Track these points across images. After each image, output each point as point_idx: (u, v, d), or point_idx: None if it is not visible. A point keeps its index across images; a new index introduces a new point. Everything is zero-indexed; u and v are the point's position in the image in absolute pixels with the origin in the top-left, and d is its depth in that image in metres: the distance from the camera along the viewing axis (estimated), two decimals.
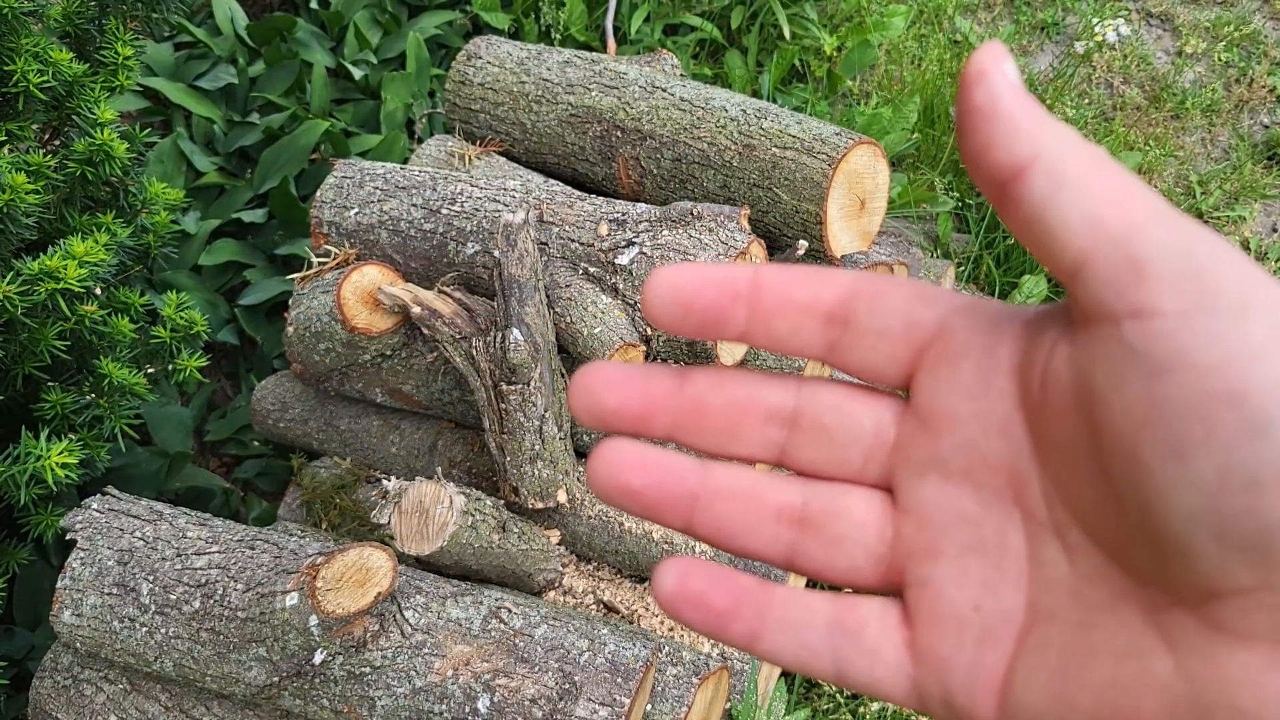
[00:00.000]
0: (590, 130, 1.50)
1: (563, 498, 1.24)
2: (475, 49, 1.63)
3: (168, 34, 2.06)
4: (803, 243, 1.32)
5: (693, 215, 1.24)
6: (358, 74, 2.07)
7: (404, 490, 1.12)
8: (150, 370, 1.29)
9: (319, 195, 1.40)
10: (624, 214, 1.28)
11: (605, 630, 1.07)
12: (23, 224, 1.08)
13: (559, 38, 2.18)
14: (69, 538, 1.10)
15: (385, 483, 1.13)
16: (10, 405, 1.19)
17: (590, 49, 2.18)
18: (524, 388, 1.16)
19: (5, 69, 1.14)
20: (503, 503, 1.20)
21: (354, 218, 1.38)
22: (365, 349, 1.27)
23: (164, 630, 1.03)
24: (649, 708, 1.09)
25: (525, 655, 1.03)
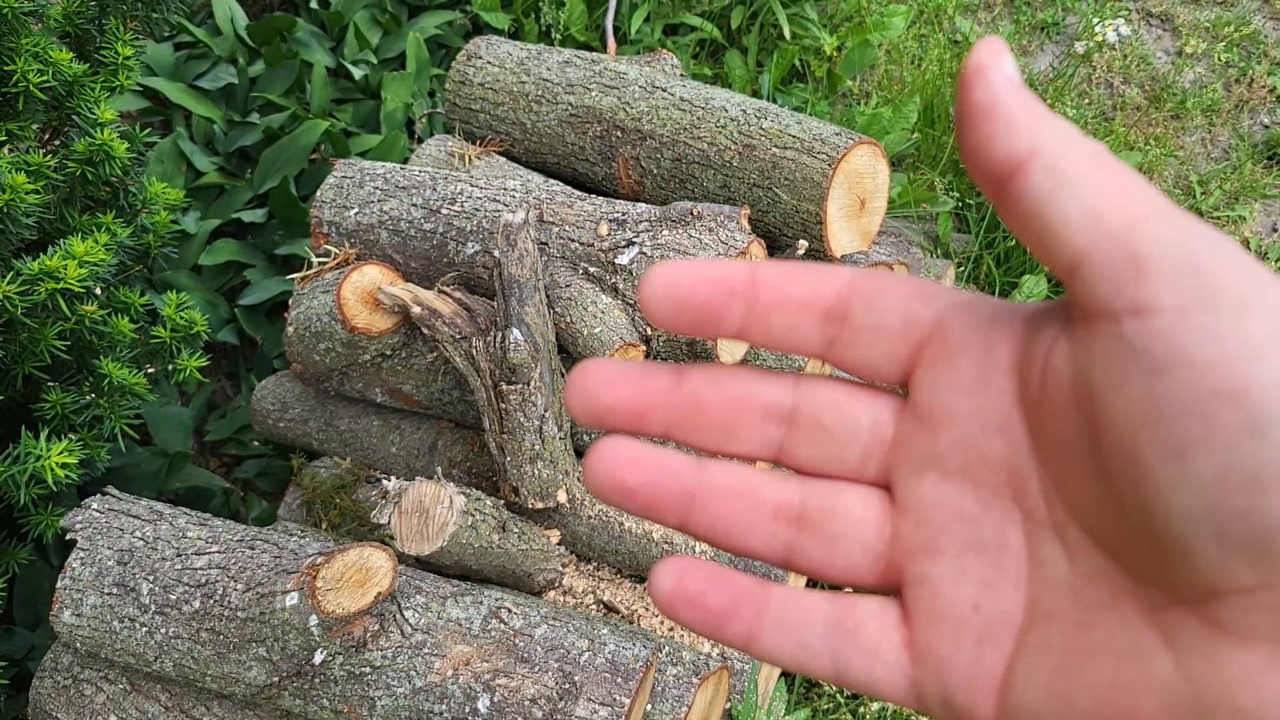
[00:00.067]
0: (590, 130, 1.50)
1: (563, 498, 1.24)
2: (475, 49, 1.63)
3: (168, 34, 2.06)
4: (803, 242, 1.32)
5: (693, 215, 1.24)
6: (358, 74, 2.07)
7: (404, 490, 1.12)
8: (150, 370, 1.29)
9: (319, 195, 1.40)
10: (624, 214, 1.28)
11: (605, 630, 1.07)
12: (23, 224, 1.08)
13: (559, 38, 2.18)
14: (69, 538, 1.10)
15: (385, 483, 1.13)
16: (10, 405, 1.19)
17: (590, 49, 2.18)
18: (524, 388, 1.16)
19: (5, 69, 1.14)
20: (503, 503, 1.20)
21: (354, 218, 1.38)
22: (365, 349, 1.27)
23: (164, 630, 1.03)
24: (649, 708, 1.09)
25: (525, 655, 1.03)
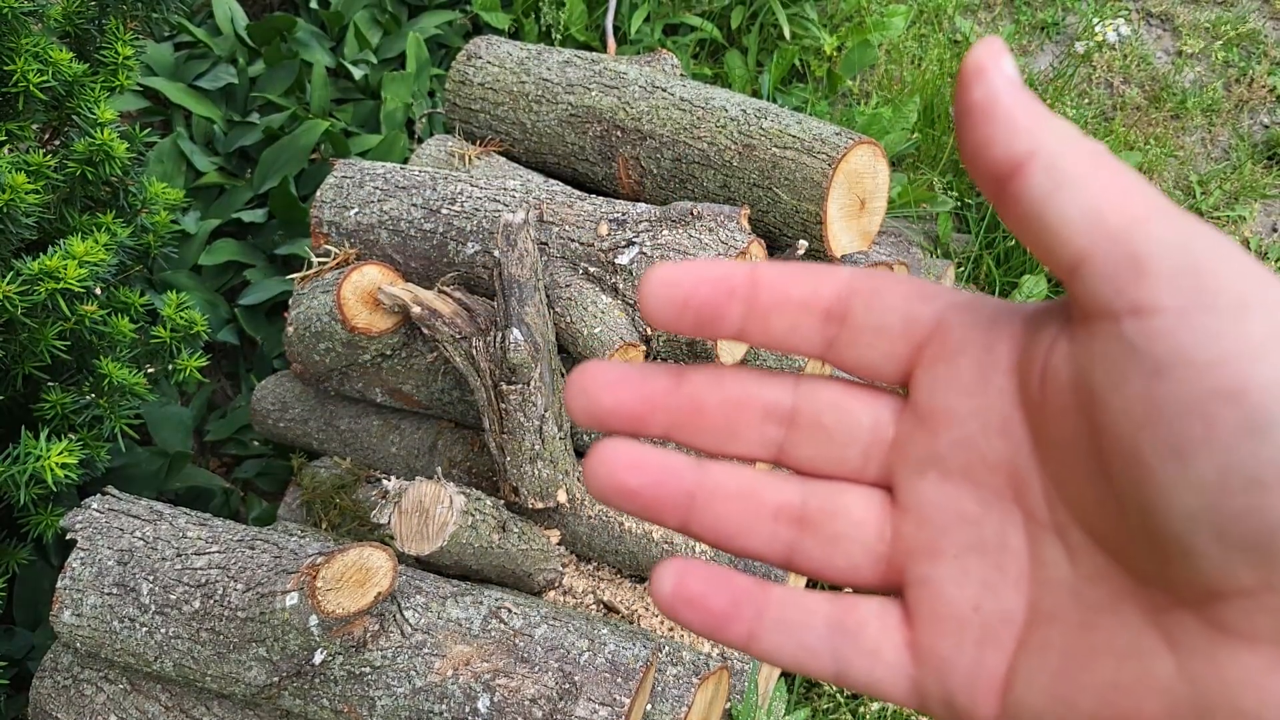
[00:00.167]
0: (590, 130, 1.50)
1: (563, 498, 1.24)
2: (475, 49, 1.63)
3: (168, 34, 2.06)
4: (803, 242, 1.32)
5: (693, 215, 1.24)
6: (358, 74, 2.07)
7: (404, 490, 1.12)
8: (150, 370, 1.29)
9: (319, 195, 1.40)
10: (624, 214, 1.28)
11: (605, 630, 1.07)
12: (23, 224, 1.08)
13: (559, 38, 2.18)
14: (69, 538, 1.10)
15: (385, 483, 1.13)
16: (10, 405, 1.19)
17: (590, 49, 2.18)
18: (524, 388, 1.16)
19: (5, 69, 1.14)
20: (503, 503, 1.20)
21: (354, 217, 1.38)
22: (365, 349, 1.27)
23: (164, 630, 1.03)
24: (649, 708, 1.09)
25: (525, 655, 1.03)
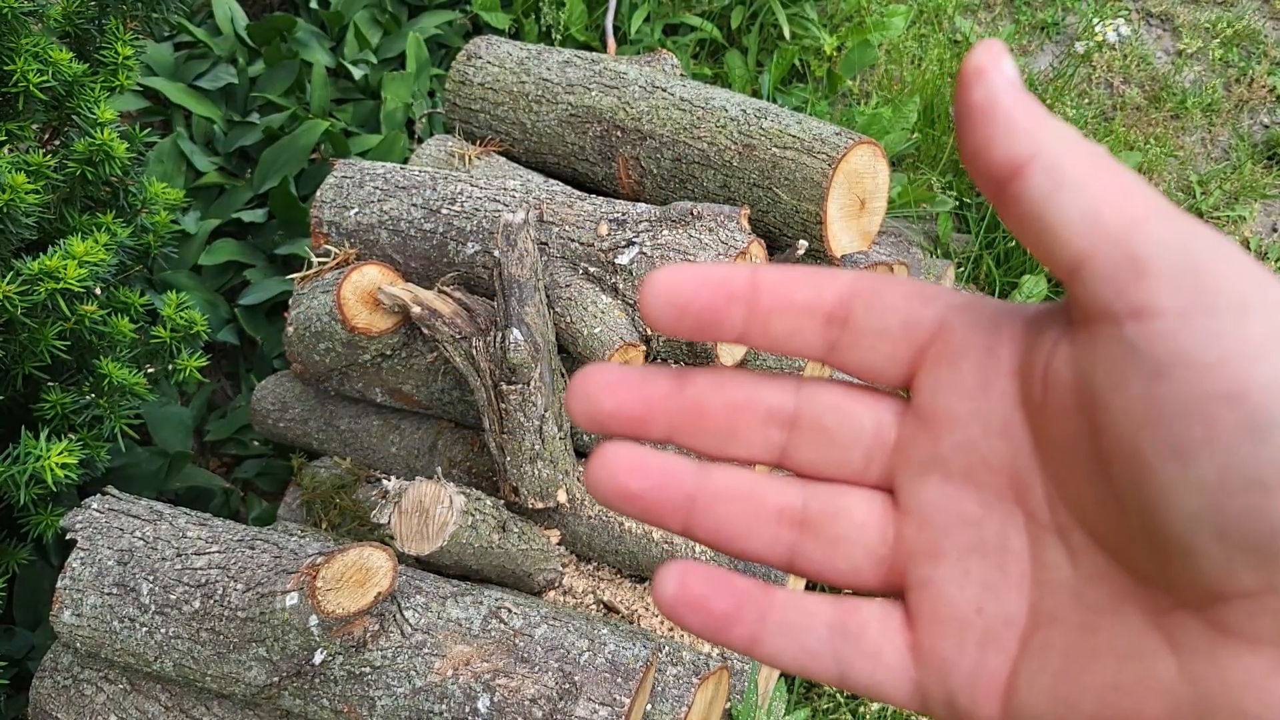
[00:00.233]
0: (590, 130, 1.50)
1: (563, 498, 1.24)
2: (475, 49, 1.63)
3: (168, 34, 2.06)
4: (803, 243, 1.32)
5: (693, 215, 1.24)
6: (358, 74, 2.07)
7: (404, 490, 1.12)
8: (150, 370, 1.29)
9: (319, 195, 1.40)
10: (624, 214, 1.28)
11: (605, 630, 1.07)
12: (23, 224, 1.08)
13: (559, 38, 2.18)
14: (69, 538, 1.10)
15: (385, 482, 1.13)
16: (10, 405, 1.19)
17: (590, 49, 2.17)
18: (524, 388, 1.16)
19: (5, 69, 1.14)
20: (503, 503, 1.20)
21: (354, 217, 1.38)
22: (365, 349, 1.27)
23: (164, 630, 1.03)
24: (649, 707, 1.09)
25: (525, 655, 1.03)
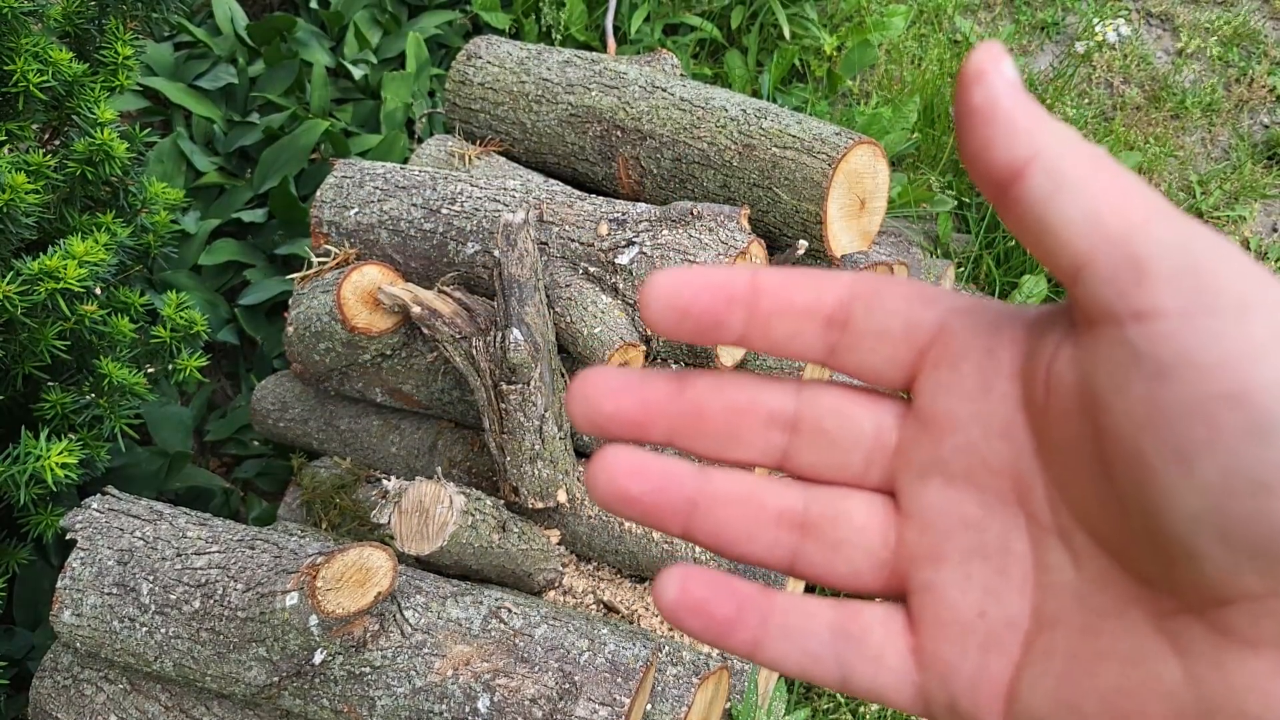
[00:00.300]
0: (590, 130, 1.50)
1: (563, 497, 1.24)
2: (475, 49, 1.63)
3: (167, 34, 2.06)
4: (803, 242, 1.32)
5: (693, 215, 1.24)
6: (357, 74, 2.07)
7: (404, 490, 1.12)
8: (150, 370, 1.29)
9: (319, 195, 1.40)
10: (624, 214, 1.28)
11: (605, 630, 1.07)
12: (23, 224, 1.08)
13: (559, 37, 2.18)
14: (69, 537, 1.10)
15: (385, 482, 1.13)
16: (10, 405, 1.19)
17: (590, 49, 2.17)
18: (524, 387, 1.16)
19: (5, 69, 1.14)
20: (503, 502, 1.20)
21: (354, 217, 1.38)
22: (365, 349, 1.27)
23: (164, 630, 1.03)
24: (649, 707, 1.09)
25: (525, 655, 1.03)
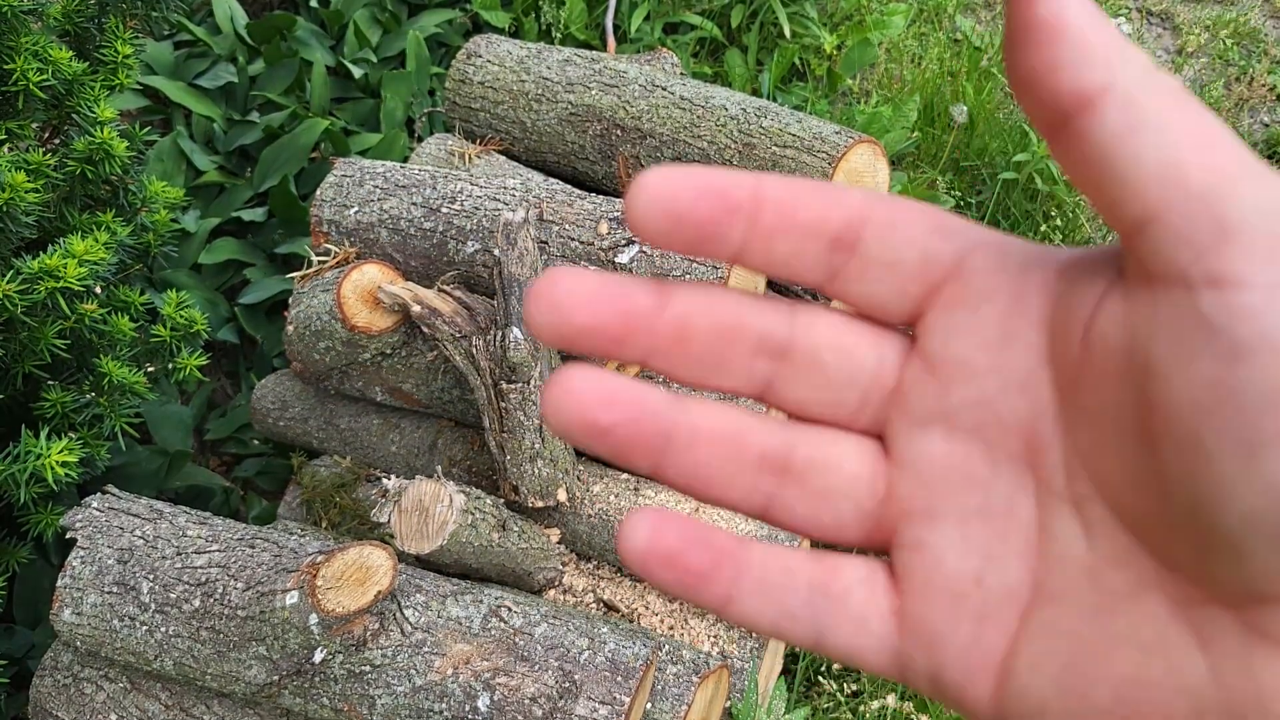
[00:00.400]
0: (590, 129, 1.50)
1: (563, 496, 1.24)
2: (475, 47, 1.63)
3: (167, 32, 2.06)
4: None
5: None
6: (358, 73, 2.07)
7: (404, 489, 1.12)
8: (150, 369, 1.29)
9: (319, 194, 1.40)
10: (624, 212, 1.28)
11: (605, 629, 1.07)
12: (22, 223, 1.08)
13: (559, 36, 2.18)
14: (69, 536, 1.10)
15: (385, 481, 1.13)
16: (10, 404, 1.19)
17: (590, 47, 2.17)
18: (524, 386, 1.16)
19: (5, 67, 1.14)
20: (503, 501, 1.20)
21: (354, 216, 1.38)
22: (365, 348, 1.27)
23: (164, 629, 1.03)
24: (649, 706, 1.09)
25: (525, 654, 1.03)
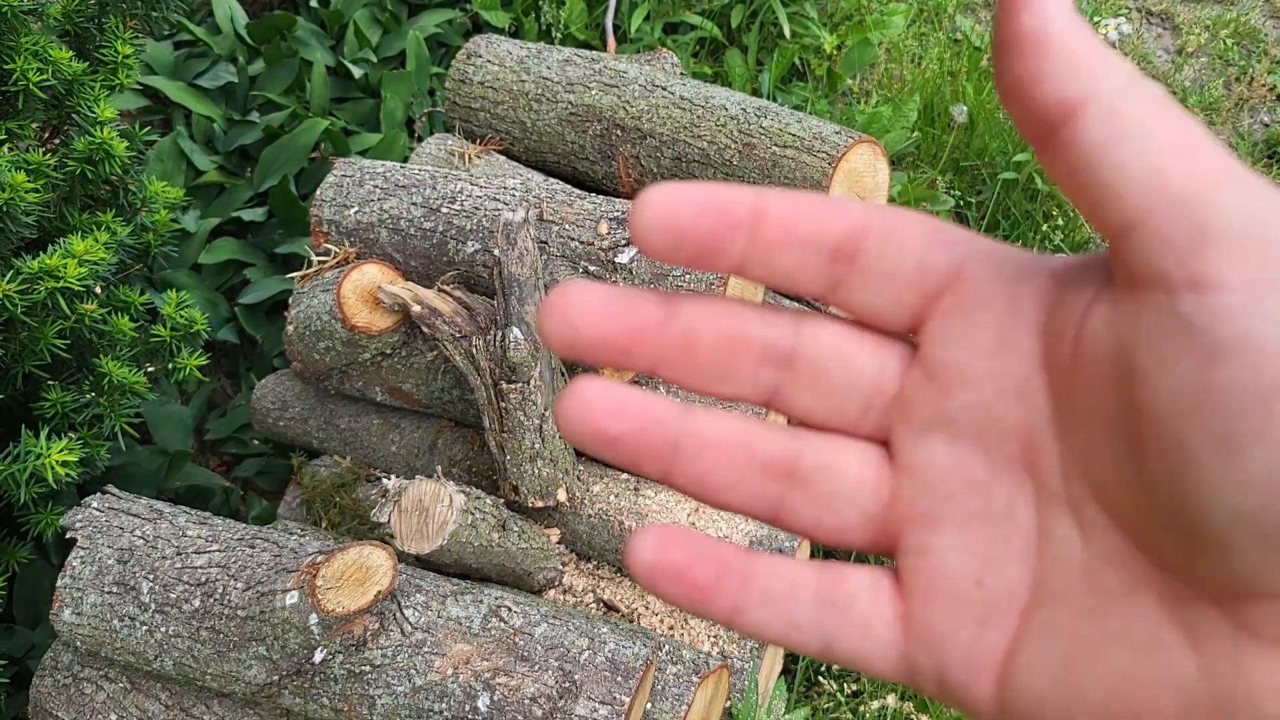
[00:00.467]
0: (590, 129, 1.50)
1: (563, 496, 1.24)
2: (475, 47, 1.63)
3: (167, 32, 2.06)
4: None
5: None
6: (358, 73, 2.07)
7: (404, 489, 1.12)
8: (150, 369, 1.29)
9: (319, 194, 1.40)
10: (624, 212, 1.28)
11: (605, 629, 1.07)
12: (22, 223, 1.08)
13: (559, 36, 2.18)
14: (69, 536, 1.10)
15: (385, 481, 1.13)
16: (10, 404, 1.19)
17: (590, 47, 2.17)
18: (524, 386, 1.16)
19: (5, 67, 1.14)
20: (503, 501, 1.20)
21: (354, 216, 1.38)
22: (365, 348, 1.27)
23: (164, 629, 1.03)
24: (649, 706, 1.09)
25: (525, 654, 1.03)
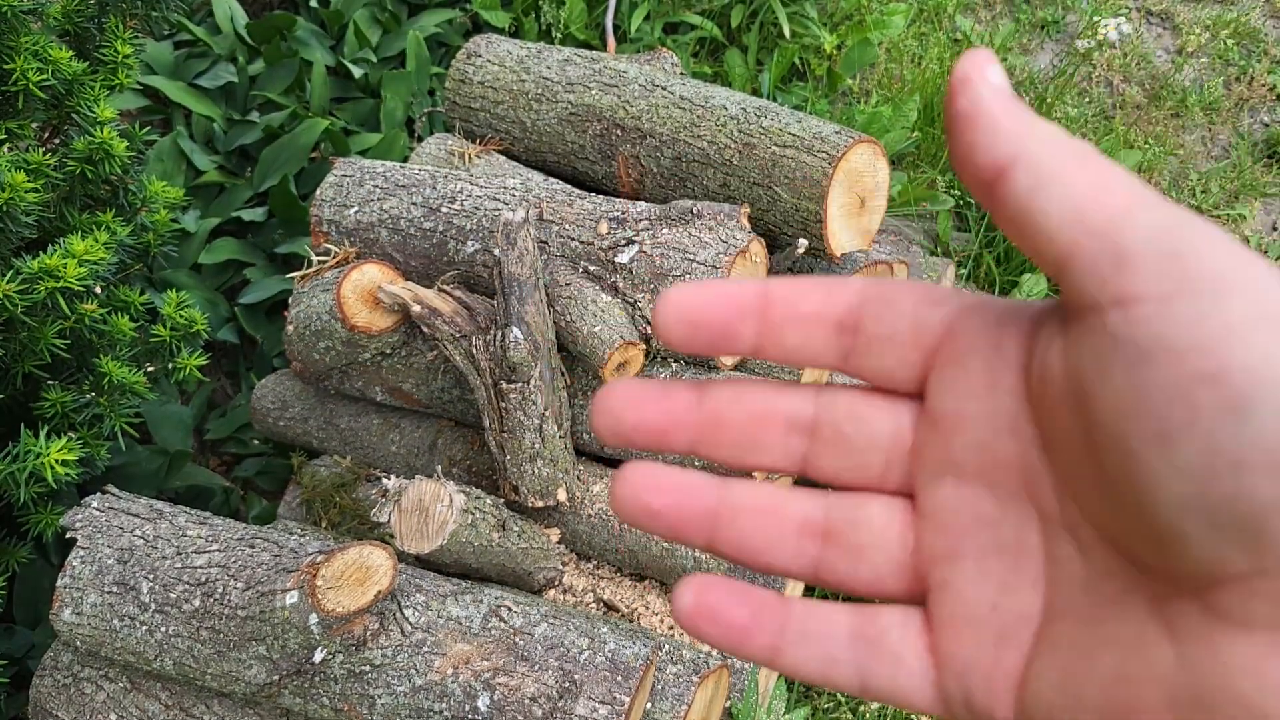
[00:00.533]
0: (590, 129, 1.50)
1: (563, 496, 1.24)
2: (475, 47, 1.63)
3: (167, 32, 2.06)
4: (803, 241, 1.32)
5: (693, 214, 1.24)
6: (357, 72, 2.07)
7: (404, 489, 1.12)
8: (150, 369, 1.29)
9: (319, 194, 1.40)
10: (624, 212, 1.28)
11: (605, 629, 1.07)
12: (22, 222, 1.08)
13: (559, 36, 2.18)
14: (69, 536, 1.10)
15: (385, 481, 1.13)
16: (10, 404, 1.19)
17: (590, 47, 2.17)
18: (524, 386, 1.16)
19: (5, 67, 1.14)
20: (503, 501, 1.20)
21: (354, 216, 1.38)
22: (365, 347, 1.27)
23: (164, 629, 1.03)
24: (649, 706, 1.09)
25: (525, 654, 1.03)
